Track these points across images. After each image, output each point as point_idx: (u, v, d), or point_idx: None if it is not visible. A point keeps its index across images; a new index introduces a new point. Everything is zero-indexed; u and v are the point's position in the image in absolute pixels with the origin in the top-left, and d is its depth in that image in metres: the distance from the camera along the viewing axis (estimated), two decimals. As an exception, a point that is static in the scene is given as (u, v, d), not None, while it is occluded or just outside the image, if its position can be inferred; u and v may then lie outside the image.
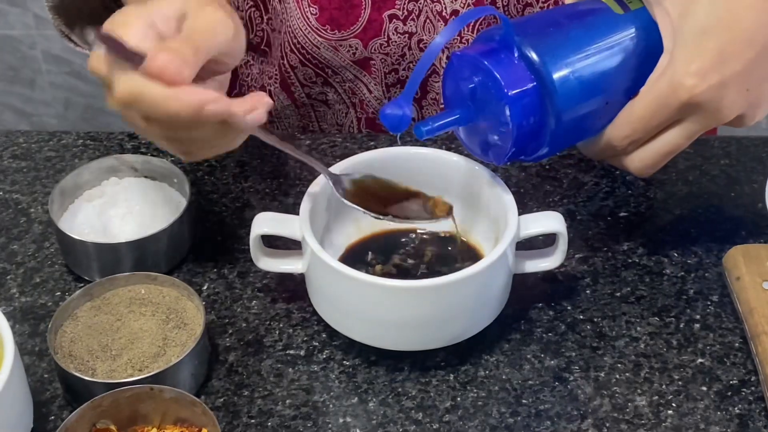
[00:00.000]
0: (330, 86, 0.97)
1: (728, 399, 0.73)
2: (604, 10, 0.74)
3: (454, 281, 0.72)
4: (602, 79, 0.72)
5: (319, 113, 1.01)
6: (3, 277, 0.82)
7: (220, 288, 0.81)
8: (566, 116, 0.71)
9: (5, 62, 2.04)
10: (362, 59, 0.94)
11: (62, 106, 2.11)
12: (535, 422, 0.72)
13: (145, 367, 0.72)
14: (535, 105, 0.71)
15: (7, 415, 0.67)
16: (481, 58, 0.71)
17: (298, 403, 0.74)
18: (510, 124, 0.71)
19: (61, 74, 2.05)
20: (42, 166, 0.92)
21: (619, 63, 0.73)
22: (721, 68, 0.70)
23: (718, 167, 0.90)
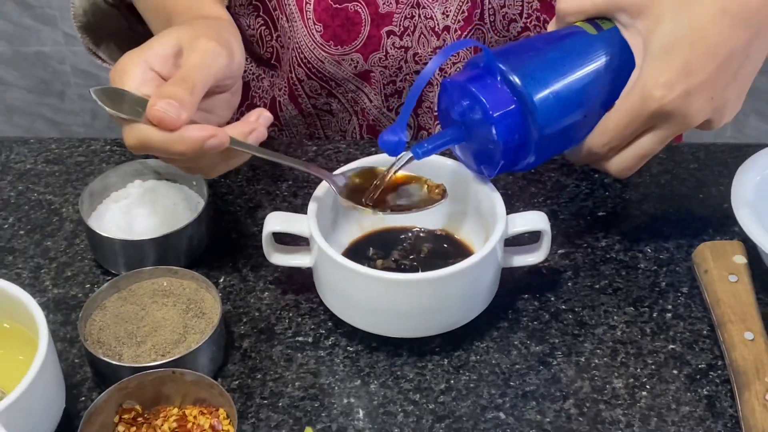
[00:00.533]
0: (334, 97, 0.97)
1: (697, 382, 0.73)
2: (579, 33, 0.75)
3: (448, 274, 0.72)
4: (579, 95, 0.73)
5: (324, 122, 1.01)
6: (37, 271, 0.82)
7: (235, 281, 0.81)
8: (548, 131, 0.72)
9: (37, 76, 2.04)
10: (363, 72, 0.94)
11: (89, 116, 2.11)
12: (522, 402, 0.72)
13: (167, 352, 0.72)
14: (518, 123, 0.71)
15: (42, 396, 0.66)
16: (467, 84, 0.72)
17: (306, 385, 0.74)
18: (497, 141, 0.71)
19: (89, 87, 2.04)
20: (72, 170, 0.91)
21: (593, 79, 0.73)
22: (686, 80, 0.70)
23: (688, 171, 0.90)
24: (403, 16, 0.91)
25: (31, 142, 0.94)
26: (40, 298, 0.78)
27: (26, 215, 0.87)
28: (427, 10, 0.91)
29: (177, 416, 0.69)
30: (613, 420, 0.71)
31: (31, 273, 0.82)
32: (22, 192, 0.89)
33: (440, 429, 0.71)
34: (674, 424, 0.71)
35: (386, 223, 0.82)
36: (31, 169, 0.91)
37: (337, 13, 0.90)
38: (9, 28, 1.96)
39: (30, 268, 0.82)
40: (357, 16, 0.90)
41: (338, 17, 0.90)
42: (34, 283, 0.81)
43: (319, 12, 0.90)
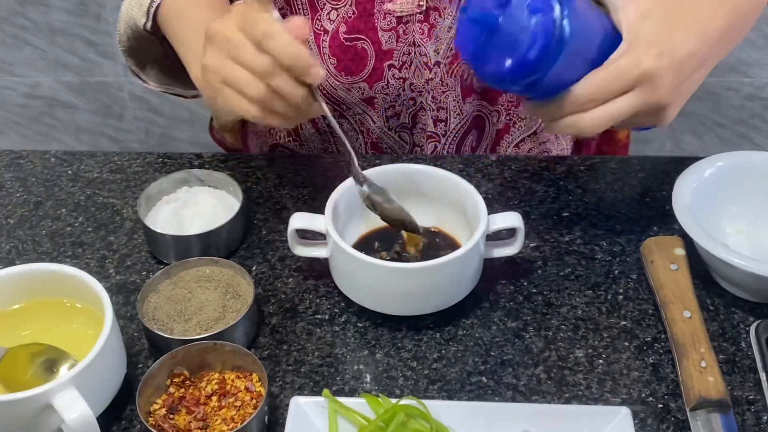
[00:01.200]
0: (344, 118, 0.96)
1: (644, 352, 0.73)
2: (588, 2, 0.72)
3: (440, 264, 0.71)
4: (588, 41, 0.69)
5: (336, 138, 0.99)
6: (103, 261, 0.81)
7: (265, 269, 0.80)
8: (567, 48, 0.66)
9: (101, 101, 2.02)
10: (368, 98, 0.93)
11: (143, 134, 2.09)
12: (500, 369, 0.72)
13: (210, 327, 0.71)
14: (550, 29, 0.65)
15: (107, 363, 0.66)
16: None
17: (324, 354, 0.73)
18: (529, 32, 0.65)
19: (143, 110, 2.03)
20: (131, 178, 0.90)
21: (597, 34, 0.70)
22: (671, 55, 0.69)
23: (637, 179, 0.89)
24: (402, 53, 0.90)
25: (98, 155, 0.93)
26: (105, 283, 0.77)
27: (93, 215, 0.86)
28: (421, 48, 0.90)
29: (218, 380, 0.68)
30: (576, 383, 0.70)
31: (98, 263, 0.81)
32: (90, 196, 0.88)
33: (434, 390, 0.70)
34: (626, 386, 0.70)
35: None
36: (98, 178, 0.90)
37: (348, 49, 0.89)
38: (77, 61, 1.94)
39: (97, 259, 0.81)
40: (364, 52, 0.89)
41: (349, 52, 0.89)
42: (100, 270, 0.80)
43: (333, 48, 0.89)
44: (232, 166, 0.91)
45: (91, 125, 2.08)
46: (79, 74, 1.97)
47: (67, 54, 1.92)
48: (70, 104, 2.03)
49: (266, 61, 0.68)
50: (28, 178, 0.90)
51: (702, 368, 0.67)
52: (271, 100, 0.69)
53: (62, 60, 1.93)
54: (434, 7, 0.88)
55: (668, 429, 0.67)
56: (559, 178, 0.89)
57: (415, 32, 0.89)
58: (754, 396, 0.69)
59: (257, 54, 0.68)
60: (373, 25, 0.88)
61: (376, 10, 0.87)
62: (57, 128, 2.08)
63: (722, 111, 1.99)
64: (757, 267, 0.70)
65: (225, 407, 0.67)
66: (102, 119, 2.06)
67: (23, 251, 0.82)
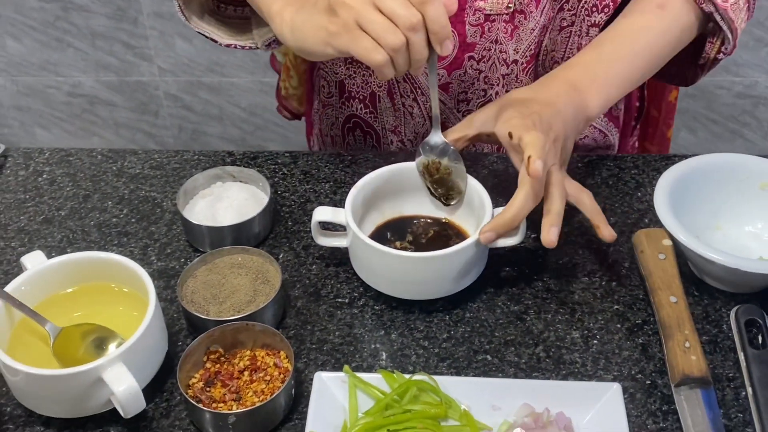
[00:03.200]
0: (416, 102, 0.95)
1: (635, 333, 0.74)
2: None
3: (449, 253, 0.72)
4: None
5: (406, 120, 0.97)
6: (145, 249, 0.83)
7: (290, 256, 0.81)
8: None
9: (138, 99, 2.02)
10: (444, 83, 0.92)
11: (177, 129, 2.09)
12: (504, 348, 0.73)
13: (242, 309, 0.72)
14: None
15: (151, 341, 0.68)
16: None
17: (344, 334, 0.74)
18: None
19: (176, 107, 2.04)
20: (170, 174, 0.91)
21: None
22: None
23: (630, 175, 0.89)
24: (483, 48, 0.89)
25: (139, 153, 0.94)
26: (148, 269, 0.77)
27: (136, 208, 0.87)
28: (502, 46, 0.89)
29: (249, 356, 0.70)
30: (572, 361, 0.72)
31: (141, 250, 0.82)
32: (133, 190, 0.89)
33: (443, 367, 0.72)
34: (617, 364, 0.71)
35: (401, 213, 0.82)
36: (140, 173, 0.91)
37: None
38: (116, 62, 1.95)
39: (140, 247, 0.83)
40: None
41: None
42: (143, 257, 0.82)
43: None
44: (260, 163, 0.92)
45: (128, 121, 2.08)
46: (117, 74, 1.98)
47: (106, 55, 1.93)
48: (110, 102, 2.04)
49: (418, 17, 0.67)
50: (77, 174, 0.92)
51: (686, 348, 0.68)
52: (399, 53, 0.68)
53: (102, 61, 1.94)
54: (521, 10, 0.87)
55: (655, 403, 0.69)
56: None
57: (500, 30, 0.88)
58: (733, 374, 0.71)
59: (409, 7, 0.67)
60: (462, 19, 0.87)
61: (467, 6, 0.86)
62: (98, 124, 2.09)
63: (715, 108, 1.99)
64: (729, 261, 0.71)
65: (256, 381, 0.68)
66: (139, 116, 2.07)
67: (73, 240, 0.84)
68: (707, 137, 2.05)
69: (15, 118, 2.10)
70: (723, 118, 2.01)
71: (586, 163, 0.92)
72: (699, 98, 1.98)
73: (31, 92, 2.03)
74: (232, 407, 0.67)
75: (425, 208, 0.82)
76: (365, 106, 0.98)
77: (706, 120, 2.02)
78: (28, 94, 2.04)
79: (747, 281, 0.74)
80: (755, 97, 1.96)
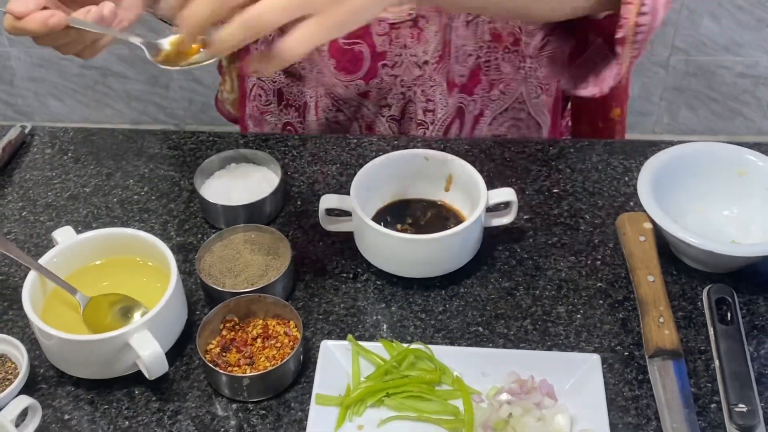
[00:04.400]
0: (341, 111, 0.98)
1: (615, 308, 0.77)
2: None
3: (446, 235, 0.75)
4: None
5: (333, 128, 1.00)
6: (165, 225, 0.86)
7: (300, 234, 0.84)
8: None
9: (149, 72, 2.03)
10: (363, 92, 0.95)
11: (187, 102, 2.11)
12: (495, 321, 0.76)
13: (255, 282, 0.75)
14: None
15: (172, 311, 0.72)
16: None
17: (348, 306, 0.77)
18: None
19: (187, 81, 2.05)
20: (187, 154, 0.94)
21: None
22: None
23: (618, 161, 0.92)
24: (394, 54, 0.92)
25: (158, 133, 0.96)
26: (168, 244, 0.77)
27: (156, 186, 0.90)
28: (411, 50, 0.91)
29: (262, 325, 0.73)
30: (557, 334, 0.75)
31: (161, 226, 0.85)
32: (153, 169, 0.92)
33: (438, 337, 0.75)
34: (599, 336, 0.75)
35: (402, 197, 0.84)
36: (158, 153, 0.94)
37: (346, 52, 0.91)
38: None
39: (160, 223, 0.86)
40: (360, 54, 0.91)
41: (347, 55, 0.91)
42: (163, 233, 0.84)
43: (333, 51, 0.91)
44: (271, 145, 0.95)
45: (140, 94, 2.10)
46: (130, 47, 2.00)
47: (119, 29, 1.96)
48: (122, 74, 2.06)
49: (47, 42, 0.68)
50: (99, 153, 0.95)
51: (660, 323, 0.73)
52: None
53: None
54: (422, 15, 0.89)
55: (631, 373, 0.73)
56: (552, 158, 0.93)
57: (406, 36, 0.90)
58: (704, 347, 0.75)
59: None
60: (369, 31, 0.89)
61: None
62: (110, 96, 2.11)
63: (715, 87, 2.01)
64: (704, 243, 0.74)
65: (267, 348, 0.72)
66: (150, 88, 2.09)
67: (98, 215, 0.88)
68: (707, 116, 2.08)
69: (29, 89, 2.11)
70: (723, 97, 2.02)
71: (578, 148, 0.95)
72: (700, 77, 1.99)
73: (45, 63, 2.05)
74: (246, 371, 0.70)
75: (422, 192, 0.85)
76: (299, 116, 1.01)
77: (706, 99, 2.03)
78: (41, 66, 2.05)
79: (720, 262, 0.79)
80: (756, 77, 1.98)
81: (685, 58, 1.98)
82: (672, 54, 1.97)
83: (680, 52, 1.97)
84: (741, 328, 0.74)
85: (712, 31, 1.92)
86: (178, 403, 0.71)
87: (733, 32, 1.92)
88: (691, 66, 1.99)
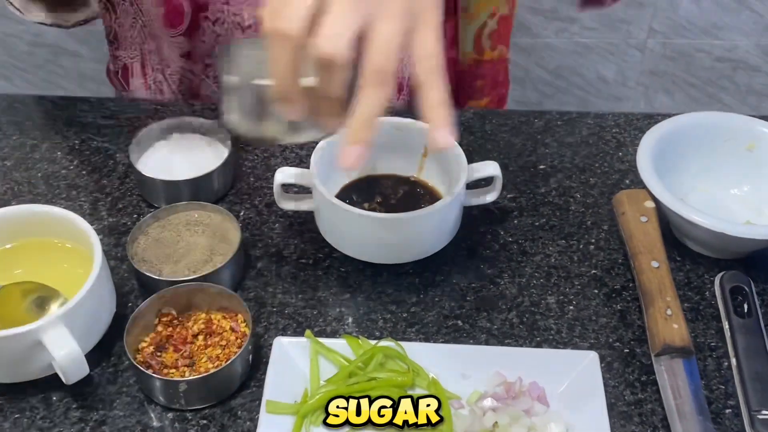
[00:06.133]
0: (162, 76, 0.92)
1: (613, 299, 0.71)
2: None
3: (423, 214, 0.68)
4: None
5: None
6: (96, 203, 0.78)
7: (252, 214, 0.77)
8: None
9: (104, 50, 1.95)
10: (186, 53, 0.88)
11: None
12: (476, 313, 0.70)
13: (198, 269, 0.68)
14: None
15: (96, 302, 0.64)
16: None
17: (308, 297, 0.71)
18: None
19: None
20: (125, 124, 0.86)
21: None
22: None
23: (611, 134, 0.86)
24: (216, 9, 0.84)
25: (92, 100, 0.89)
26: (98, 225, 0.75)
27: (87, 159, 0.82)
28: (234, 8, 0.84)
29: (204, 320, 0.66)
30: (546, 328, 0.68)
31: (91, 205, 0.78)
32: (85, 141, 0.84)
33: (411, 333, 0.68)
34: (594, 331, 0.68)
35: (368, 172, 0.78)
36: (92, 123, 0.86)
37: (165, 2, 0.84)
38: None
39: (90, 201, 0.78)
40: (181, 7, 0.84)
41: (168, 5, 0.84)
42: (93, 212, 0.77)
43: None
44: None
45: (95, 73, 1.99)
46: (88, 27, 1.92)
47: (71, 4, 1.87)
48: (75, 53, 1.96)
49: None
50: (24, 122, 0.86)
51: (667, 316, 0.65)
52: None
53: None
54: None
55: (633, 372, 0.65)
56: (537, 132, 0.86)
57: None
58: (716, 343, 0.67)
59: None
60: None
61: None
62: (62, 75, 2.01)
63: (693, 72, 1.97)
64: (716, 224, 0.67)
65: (211, 346, 0.65)
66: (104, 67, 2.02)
67: (19, 192, 0.79)
68: (684, 100, 2.05)
69: (-27, 68, 2.03)
70: (701, 82, 1.99)
71: (565, 120, 0.88)
72: (678, 61, 1.96)
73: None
74: (184, 373, 0.63)
75: (394, 166, 0.77)
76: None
77: (683, 83, 2.01)
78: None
79: (732, 246, 0.71)
80: (735, 61, 1.95)
81: (663, 41, 1.95)
82: (649, 36, 1.94)
83: (658, 35, 1.94)
84: (761, 321, 0.65)
85: (691, 13, 1.89)
86: (103, 411, 0.63)
87: (713, 14, 1.89)
88: (668, 49, 1.96)
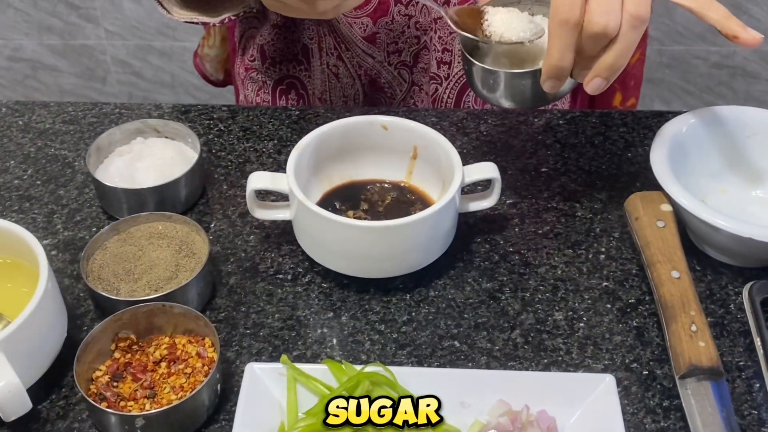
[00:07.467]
0: (341, 60, 0.85)
1: (628, 314, 0.63)
2: None
3: (414, 221, 0.61)
4: None
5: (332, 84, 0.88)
6: (51, 216, 0.71)
7: (224, 225, 0.70)
8: None
9: (83, 64, 1.92)
10: (371, 34, 0.82)
11: (126, 97, 1.98)
12: (474, 332, 0.62)
13: (161, 287, 0.61)
14: None
15: (42, 325, 0.56)
16: None
17: (285, 317, 0.63)
18: None
19: (125, 74, 1.92)
20: (85, 129, 0.79)
21: None
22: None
23: (618, 134, 0.79)
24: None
25: (51, 105, 0.81)
26: (52, 240, 0.68)
27: (43, 168, 0.75)
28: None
29: (167, 344, 0.59)
30: (555, 348, 0.61)
31: (45, 218, 0.70)
32: (41, 148, 0.77)
33: (402, 355, 0.61)
34: (608, 351, 0.61)
35: (353, 177, 0.71)
36: (50, 128, 0.79)
37: None
38: (60, 24, 1.85)
39: (44, 214, 0.71)
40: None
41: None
42: (47, 226, 0.69)
43: None
44: (193, 118, 0.79)
45: (74, 88, 1.98)
46: (62, 37, 1.87)
47: (49, 17, 1.81)
48: (54, 67, 1.93)
49: None
50: None
51: (692, 332, 0.57)
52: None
53: (45, 22, 1.82)
54: None
55: (654, 397, 0.58)
56: (537, 132, 0.78)
57: None
58: (744, 362, 0.60)
59: None
60: None
61: None
62: (41, 91, 1.98)
63: (690, 79, 1.93)
64: (744, 230, 0.59)
65: (174, 374, 0.57)
66: (85, 82, 1.97)
67: None
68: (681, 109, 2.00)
69: (-50, 84, 1.98)
70: (698, 90, 1.96)
71: (567, 119, 0.80)
72: (675, 68, 1.93)
73: (-31, 56, 1.91)
74: (144, 406, 0.55)
75: (381, 171, 0.70)
76: (298, 63, 0.88)
77: (680, 91, 1.97)
78: (-36, 58, 1.91)
79: (759, 253, 0.63)
80: (732, 68, 1.91)
81: (659, 47, 1.92)
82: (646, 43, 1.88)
83: (654, 41, 1.91)
84: (798, 337, 0.57)
85: (688, 19, 1.86)
86: (50, 452, 0.55)
87: (710, 19, 1.84)
88: (665, 56, 1.93)
